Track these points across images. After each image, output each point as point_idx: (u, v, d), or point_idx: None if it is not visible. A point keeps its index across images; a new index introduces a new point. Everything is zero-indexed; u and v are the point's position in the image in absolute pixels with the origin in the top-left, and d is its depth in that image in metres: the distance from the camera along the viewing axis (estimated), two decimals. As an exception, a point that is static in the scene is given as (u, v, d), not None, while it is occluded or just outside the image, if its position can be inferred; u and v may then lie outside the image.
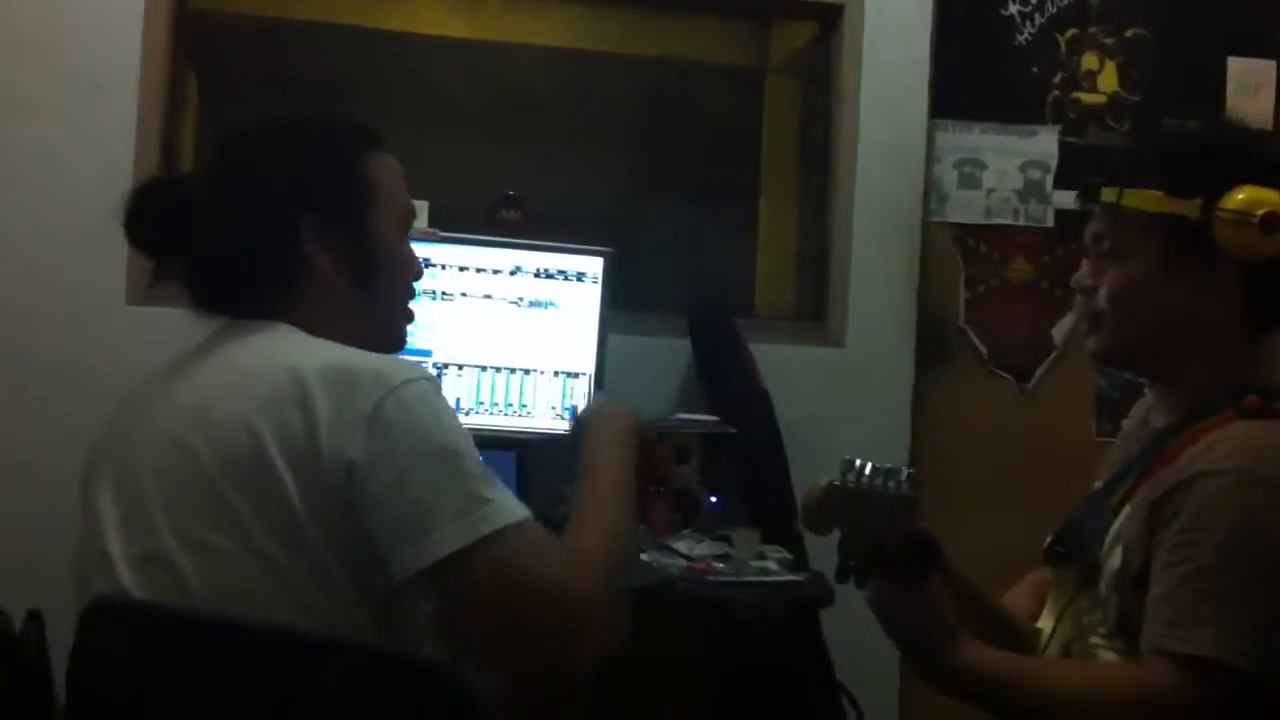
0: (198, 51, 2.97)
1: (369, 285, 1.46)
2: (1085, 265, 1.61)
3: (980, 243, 3.17)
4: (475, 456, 1.30)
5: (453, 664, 1.21)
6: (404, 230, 1.53)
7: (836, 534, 1.44)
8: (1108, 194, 1.53)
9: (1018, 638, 1.63)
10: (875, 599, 1.42)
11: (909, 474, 1.35)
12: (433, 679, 1.20)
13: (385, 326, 1.51)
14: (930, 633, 1.41)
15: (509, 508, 1.27)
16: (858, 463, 1.36)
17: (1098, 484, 1.64)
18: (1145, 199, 1.49)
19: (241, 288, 1.44)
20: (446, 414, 1.32)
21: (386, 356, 1.38)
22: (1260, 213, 1.43)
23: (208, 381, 1.35)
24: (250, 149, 1.47)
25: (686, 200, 3.36)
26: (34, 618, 1.66)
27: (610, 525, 1.37)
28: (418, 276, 1.55)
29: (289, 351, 1.34)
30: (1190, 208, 1.47)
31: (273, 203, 1.42)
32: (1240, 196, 1.44)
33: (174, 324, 1.44)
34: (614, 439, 1.51)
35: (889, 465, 1.36)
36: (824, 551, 1.52)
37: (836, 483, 1.36)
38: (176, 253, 1.45)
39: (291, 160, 1.45)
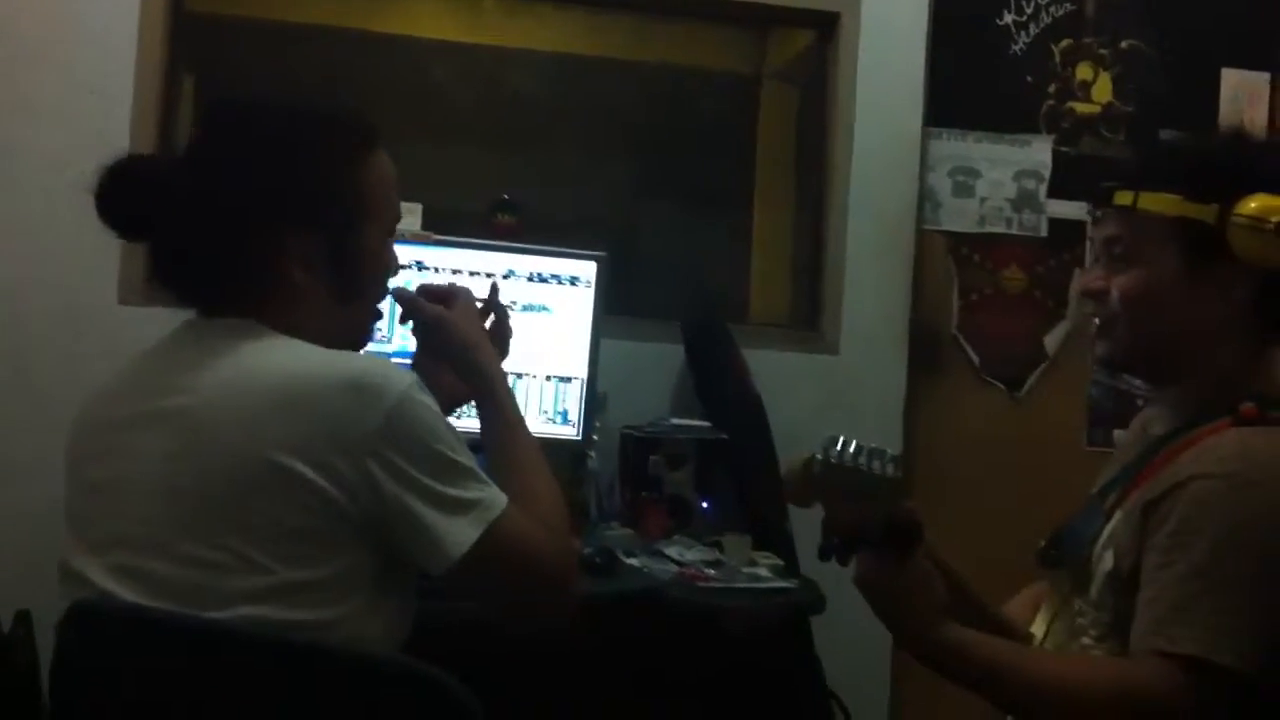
0: (194, 55, 2.97)
1: (345, 298, 1.45)
2: (1095, 269, 1.61)
3: (974, 252, 3.18)
4: (467, 454, 1.37)
5: (444, 673, 1.21)
6: (389, 236, 1.51)
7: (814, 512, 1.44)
8: (1122, 197, 1.53)
9: (1007, 637, 1.63)
10: (861, 577, 1.42)
11: (893, 456, 1.35)
12: (425, 687, 1.20)
13: (355, 328, 1.51)
14: (918, 606, 1.40)
15: (498, 497, 1.37)
16: (842, 439, 1.35)
17: (1093, 489, 1.65)
18: (1162, 202, 1.50)
19: (214, 283, 1.41)
20: (440, 417, 1.36)
21: (375, 361, 1.38)
22: (1276, 220, 1.44)
23: (202, 397, 1.31)
24: (244, 146, 1.42)
25: (682, 206, 3.37)
26: (23, 618, 1.65)
27: (548, 483, 1.51)
28: (395, 274, 1.54)
29: (280, 363, 1.33)
30: (1207, 213, 1.47)
31: (258, 214, 1.38)
32: (1256, 204, 1.45)
33: (167, 323, 1.44)
34: (490, 351, 1.63)
35: (873, 445, 1.35)
36: (816, 559, 1.52)
37: (819, 457, 1.35)
38: (146, 232, 1.41)
39: (284, 171, 1.40)
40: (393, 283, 1.55)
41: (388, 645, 1.35)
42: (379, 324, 1.56)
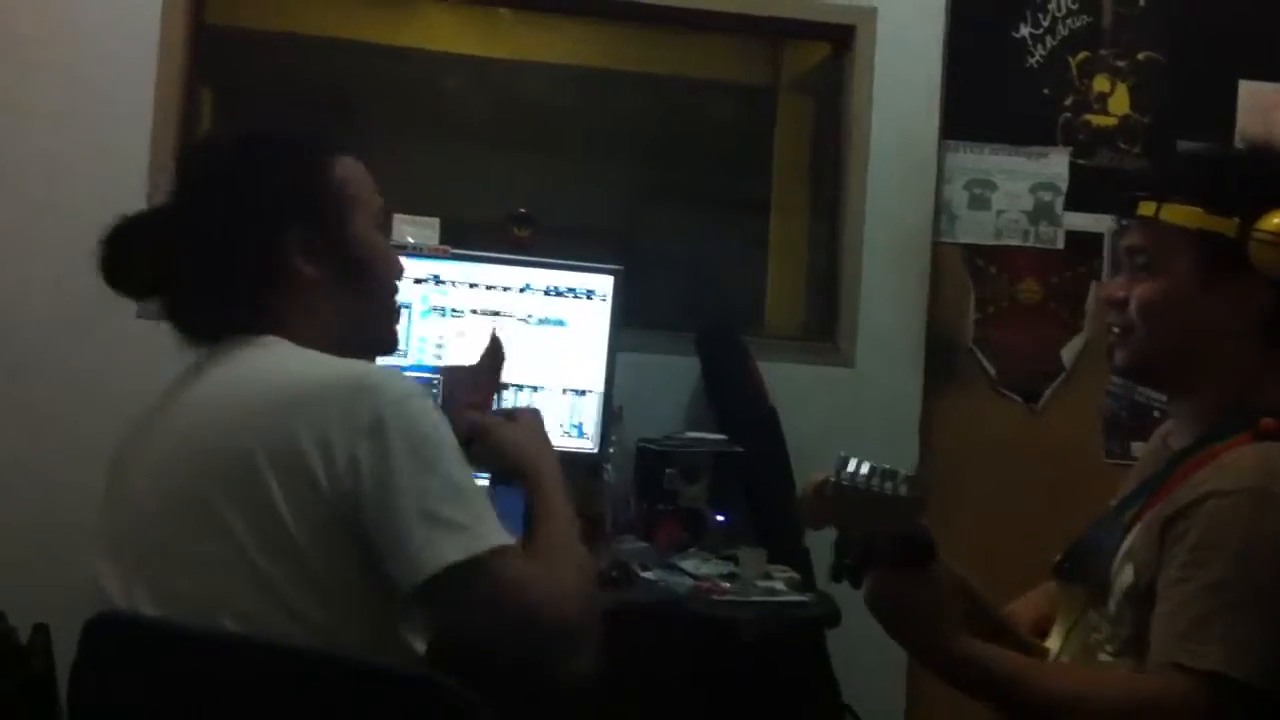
0: (214, 67, 2.99)
1: (358, 287, 1.46)
2: (1117, 279, 1.62)
3: (990, 264, 3.17)
4: (468, 475, 1.32)
5: (446, 678, 1.21)
6: (381, 227, 1.52)
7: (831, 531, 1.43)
8: (1145, 208, 1.54)
9: (1024, 652, 1.63)
10: (869, 596, 1.42)
11: (906, 476, 1.34)
12: (427, 693, 1.21)
13: (378, 327, 1.51)
14: (933, 621, 1.40)
15: (496, 533, 1.29)
16: (853, 461, 1.35)
17: (1113, 503, 1.65)
18: (1183, 214, 1.50)
19: (228, 308, 1.42)
20: (442, 429, 1.33)
21: (378, 367, 1.39)
22: None
23: (200, 401, 1.35)
24: (222, 168, 1.45)
25: (698, 217, 3.37)
26: (40, 630, 1.67)
27: (579, 557, 1.41)
28: (399, 275, 1.54)
29: (281, 365, 1.34)
30: (1228, 226, 1.48)
31: (256, 218, 1.41)
32: (1278, 220, 1.45)
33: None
34: (553, 462, 1.56)
35: (886, 466, 1.35)
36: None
37: (831, 480, 1.35)
38: (159, 289, 1.44)
39: (268, 175, 1.43)
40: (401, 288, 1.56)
41: (398, 656, 1.35)
42: (398, 328, 1.56)
